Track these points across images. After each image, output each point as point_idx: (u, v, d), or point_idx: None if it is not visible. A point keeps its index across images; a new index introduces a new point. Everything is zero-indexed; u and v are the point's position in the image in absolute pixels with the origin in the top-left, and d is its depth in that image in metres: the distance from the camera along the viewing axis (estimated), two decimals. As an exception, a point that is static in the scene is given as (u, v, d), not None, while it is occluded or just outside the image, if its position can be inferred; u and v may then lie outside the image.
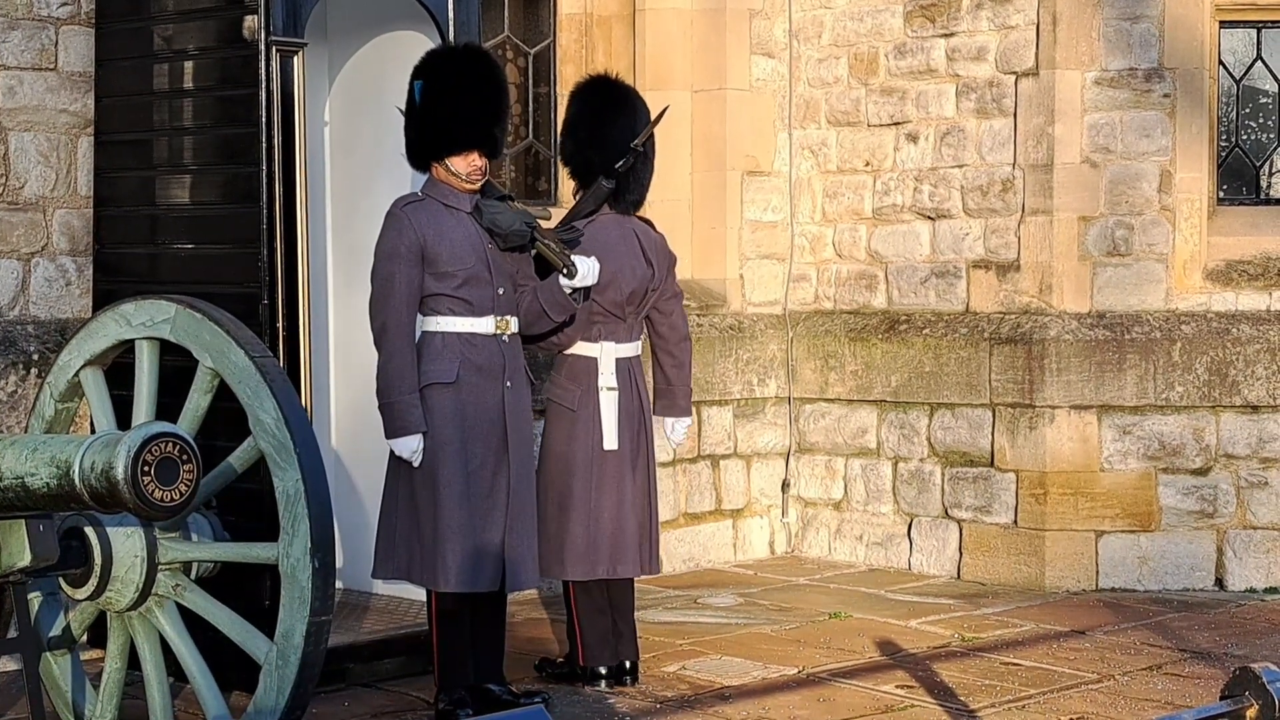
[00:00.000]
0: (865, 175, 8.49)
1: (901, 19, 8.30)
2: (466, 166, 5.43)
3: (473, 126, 5.39)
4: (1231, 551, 7.68)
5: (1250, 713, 3.59)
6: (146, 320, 4.82)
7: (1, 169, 6.22)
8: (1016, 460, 7.78)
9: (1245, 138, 8.08)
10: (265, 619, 4.75)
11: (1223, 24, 7.94)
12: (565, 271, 5.47)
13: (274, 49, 5.60)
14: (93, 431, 4.88)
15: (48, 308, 6.33)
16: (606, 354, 5.83)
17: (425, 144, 5.43)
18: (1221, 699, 3.64)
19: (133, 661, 4.76)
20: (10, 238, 6.24)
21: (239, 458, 4.75)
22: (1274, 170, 8.10)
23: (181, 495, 3.86)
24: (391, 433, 5.33)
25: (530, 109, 8.50)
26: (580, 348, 5.82)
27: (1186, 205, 7.79)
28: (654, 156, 6.02)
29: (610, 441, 5.78)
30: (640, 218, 6.06)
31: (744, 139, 8.60)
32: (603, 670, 5.83)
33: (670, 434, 6.09)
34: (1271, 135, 8.09)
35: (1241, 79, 8.05)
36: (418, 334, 5.40)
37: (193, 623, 4.71)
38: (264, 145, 5.60)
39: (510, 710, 3.58)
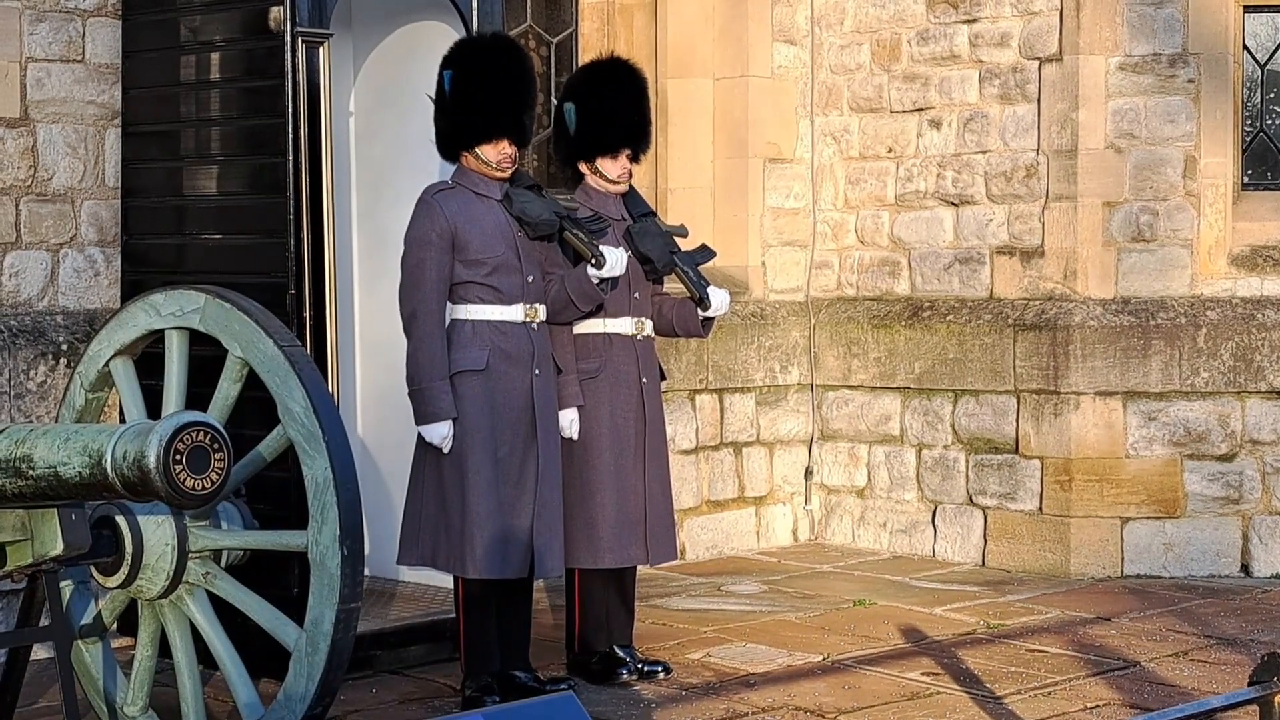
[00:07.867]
0: (888, 162, 8.48)
1: (924, 5, 8.28)
2: (497, 155, 5.44)
3: (503, 115, 5.40)
4: (1257, 538, 7.67)
5: (1279, 698, 3.60)
6: (176, 310, 4.84)
7: (30, 161, 6.25)
8: (1041, 447, 7.77)
9: (1270, 122, 8.05)
10: (294, 607, 4.78)
11: (1246, 9, 7.91)
12: (593, 261, 5.48)
13: (299, 40, 5.63)
14: (123, 421, 4.91)
15: (76, 298, 6.36)
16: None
17: (456, 133, 5.44)
18: (1250, 685, 3.65)
19: (163, 649, 4.79)
20: (39, 229, 6.28)
21: (268, 446, 4.78)
22: (1299, 155, 8.08)
23: (213, 484, 3.88)
24: (421, 419, 5.35)
25: (553, 98, 8.50)
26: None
27: (1211, 190, 7.77)
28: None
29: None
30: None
31: (766, 126, 8.60)
32: (594, 659, 5.80)
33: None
34: (1296, 120, 8.07)
35: (1266, 64, 8.02)
36: (447, 321, 5.42)
37: (222, 610, 4.73)
38: (290, 136, 5.63)
39: (541, 697, 3.61)
